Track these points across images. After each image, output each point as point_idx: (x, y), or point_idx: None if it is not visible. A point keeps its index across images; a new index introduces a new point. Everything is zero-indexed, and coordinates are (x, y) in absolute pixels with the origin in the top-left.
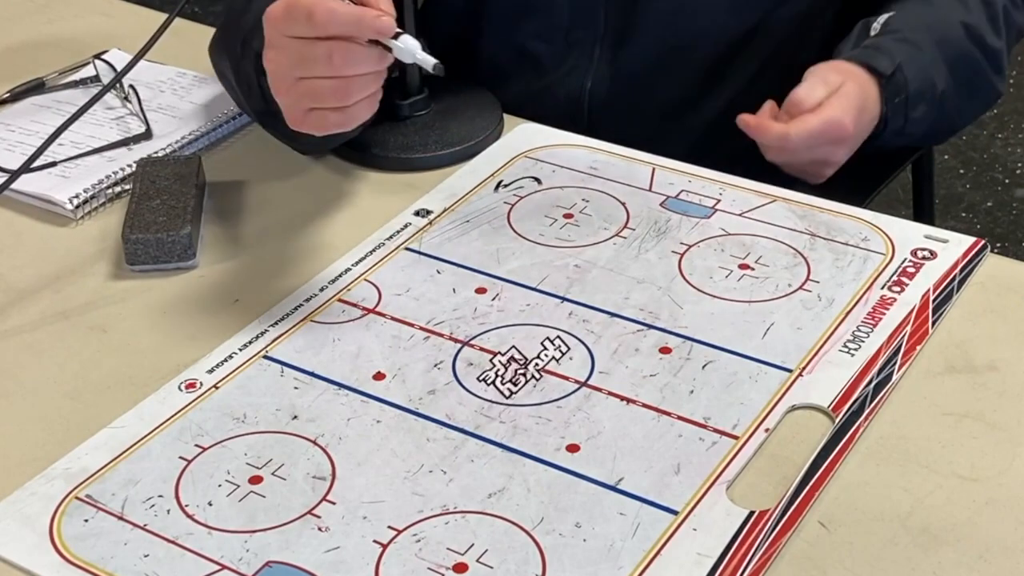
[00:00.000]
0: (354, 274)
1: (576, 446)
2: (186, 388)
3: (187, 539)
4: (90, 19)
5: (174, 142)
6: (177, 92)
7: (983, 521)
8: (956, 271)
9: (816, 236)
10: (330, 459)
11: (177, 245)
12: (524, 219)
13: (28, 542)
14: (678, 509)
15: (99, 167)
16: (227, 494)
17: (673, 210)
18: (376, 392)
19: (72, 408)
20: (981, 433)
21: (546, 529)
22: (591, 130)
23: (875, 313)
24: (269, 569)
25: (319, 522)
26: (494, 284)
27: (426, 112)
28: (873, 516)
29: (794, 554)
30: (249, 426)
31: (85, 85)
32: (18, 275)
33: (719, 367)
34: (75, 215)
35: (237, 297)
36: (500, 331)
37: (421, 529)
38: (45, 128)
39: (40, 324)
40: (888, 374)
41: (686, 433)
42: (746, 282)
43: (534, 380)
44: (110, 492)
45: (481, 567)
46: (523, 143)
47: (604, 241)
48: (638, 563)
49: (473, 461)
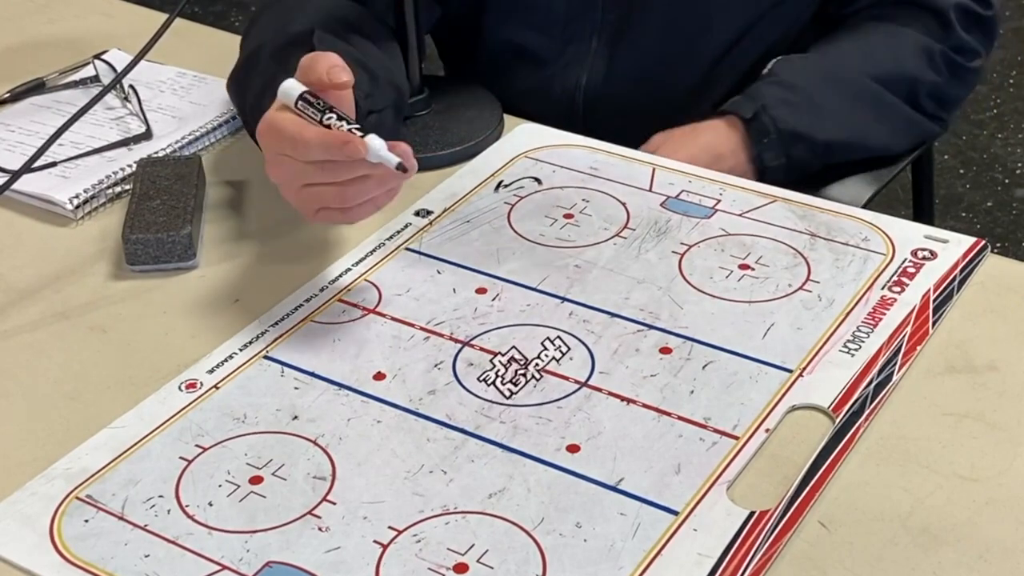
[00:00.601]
0: (354, 274)
1: (576, 446)
2: (186, 388)
3: (187, 539)
4: (90, 19)
5: (174, 142)
6: (177, 92)
7: (983, 521)
8: (956, 271)
9: (816, 236)
10: (330, 459)
11: (177, 245)
12: (524, 219)
13: (28, 542)
14: (678, 509)
15: (99, 167)
16: (227, 494)
17: (673, 210)
18: (376, 392)
19: (72, 408)
20: (981, 433)
21: (546, 529)
22: (586, 125)
23: (875, 313)
24: (269, 569)
25: (319, 522)
26: (494, 284)
27: (426, 112)
28: (873, 516)
29: (794, 554)
30: (249, 426)
31: (85, 85)
32: (18, 275)
33: (719, 367)
34: (75, 215)
35: (237, 297)
36: (500, 331)
37: (421, 529)
38: (45, 128)
39: (40, 324)
40: (888, 374)
41: (686, 433)
42: (746, 282)
43: (534, 380)
44: (110, 492)
45: (481, 567)
46: (523, 143)
47: (604, 241)
48: (638, 563)
49: (473, 461)
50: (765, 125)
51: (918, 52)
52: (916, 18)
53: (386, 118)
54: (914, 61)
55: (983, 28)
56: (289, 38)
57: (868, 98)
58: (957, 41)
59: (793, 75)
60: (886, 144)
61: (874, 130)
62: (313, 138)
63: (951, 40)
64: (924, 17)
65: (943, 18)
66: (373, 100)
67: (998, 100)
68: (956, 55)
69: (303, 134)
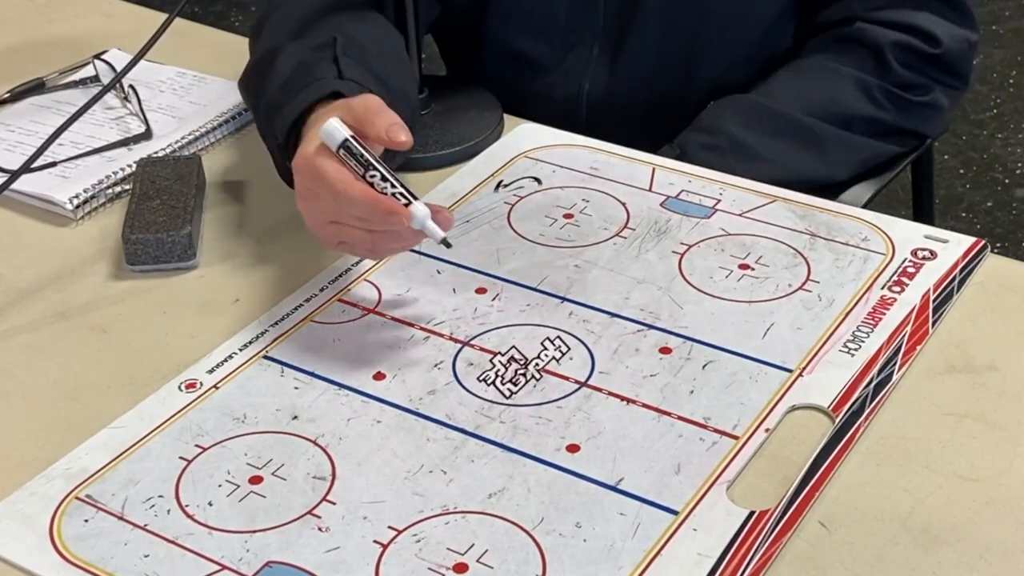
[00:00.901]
0: (354, 274)
1: (576, 446)
2: (186, 388)
3: (187, 539)
4: (90, 19)
5: (174, 142)
6: (177, 92)
7: (983, 521)
8: (956, 271)
9: (816, 236)
10: (330, 459)
11: (177, 245)
12: (524, 219)
13: (28, 542)
14: (678, 509)
15: (99, 167)
16: (227, 494)
17: (673, 210)
18: (376, 392)
19: (72, 408)
20: (981, 433)
21: (546, 529)
22: (589, 131)
23: (875, 313)
24: (269, 569)
25: (319, 522)
26: (494, 284)
27: (426, 112)
28: (873, 516)
29: (794, 554)
30: (249, 426)
31: (85, 85)
32: (18, 275)
33: (719, 367)
34: (75, 215)
35: (237, 297)
36: (500, 331)
37: (421, 529)
38: (45, 128)
39: (40, 324)
40: (888, 374)
41: (686, 433)
42: (746, 282)
43: (534, 380)
44: (110, 492)
45: (481, 567)
46: (523, 143)
47: (604, 241)
48: (638, 563)
49: (473, 461)
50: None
51: (853, 87)
52: (853, 53)
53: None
54: (850, 95)
55: (935, 63)
56: (309, 47)
57: (796, 132)
58: (897, 78)
59: (715, 119)
60: (826, 174)
61: (807, 163)
62: (359, 198)
63: (891, 77)
64: (861, 53)
65: (880, 55)
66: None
67: (998, 100)
68: (899, 90)
69: (348, 192)
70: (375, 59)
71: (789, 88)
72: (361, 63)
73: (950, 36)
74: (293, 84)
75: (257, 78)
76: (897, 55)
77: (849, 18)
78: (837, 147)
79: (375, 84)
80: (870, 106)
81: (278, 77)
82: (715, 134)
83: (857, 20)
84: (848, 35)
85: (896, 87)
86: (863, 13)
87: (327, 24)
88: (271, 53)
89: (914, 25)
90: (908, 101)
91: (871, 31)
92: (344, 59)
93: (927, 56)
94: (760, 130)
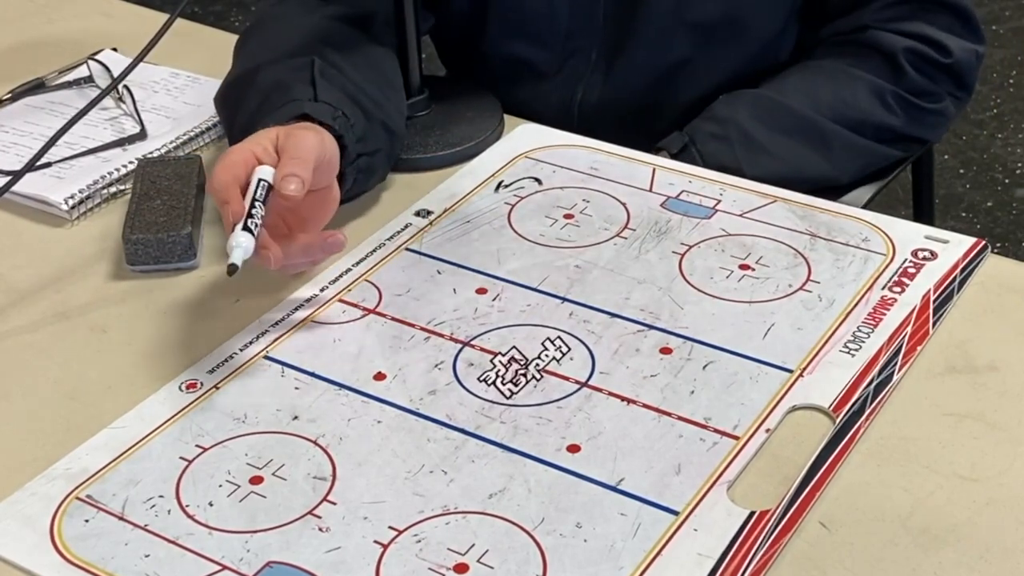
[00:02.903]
0: (355, 274)
1: (577, 446)
2: (187, 388)
3: (188, 539)
4: (90, 19)
5: (169, 142)
6: (171, 92)
7: (983, 521)
8: (956, 271)
9: (816, 236)
10: (331, 459)
11: (178, 245)
12: (524, 219)
13: (29, 542)
14: (679, 509)
15: (94, 168)
16: (228, 494)
17: (673, 210)
18: (377, 392)
19: (72, 408)
20: (981, 433)
21: (547, 529)
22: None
23: (876, 313)
24: (270, 569)
25: (320, 522)
26: (495, 284)
27: (426, 113)
28: (874, 516)
29: (795, 554)
30: (250, 426)
31: (79, 86)
32: (18, 275)
33: (720, 367)
34: (70, 216)
35: (237, 297)
36: (501, 331)
37: (422, 529)
38: (39, 129)
39: (40, 324)
40: (889, 374)
41: (687, 433)
42: (746, 282)
43: (535, 380)
44: (111, 492)
45: (482, 567)
46: (523, 144)
47: (605, 241)
48: (639, 563)
49: (474, 461)
50: (693, 159)
51: (867, 91)
52: (867, 58)
53: (376, 162)
54: (864, 99)
55: (946, 72)
56: (289, 67)
57: (805, 131)
58: (911, 84)
59: (727, 110)
60: (830, 175)
61: (812, 163)
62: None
63: (905, 82)
64: (875, 58)
65: (893, 60)
66: (365, 143)
67: (998, 100)
68: (913, 97)
69: (224, 195)
70: (352, 82)
71: (802, 87)
72: (338, 86)
73: (960, 47)
74: (270, 103)
75: (236, 93)
76: (911, 60)
77: (860, 28)
78: (844, 149)
79: (349, 107)
80: (882, 111)
81: (257, 95)
82: (725, 125)
83: (869, 29)
84: (861, 41)
85: (910, 93)
86: (874, 24)
87: (308, 45)
88: (251, 72)
89: (925, 35)
90: (920, 108)
91: (884, 37)
92: (321, 81)
93: (939, 64)
94: (770, 125)
